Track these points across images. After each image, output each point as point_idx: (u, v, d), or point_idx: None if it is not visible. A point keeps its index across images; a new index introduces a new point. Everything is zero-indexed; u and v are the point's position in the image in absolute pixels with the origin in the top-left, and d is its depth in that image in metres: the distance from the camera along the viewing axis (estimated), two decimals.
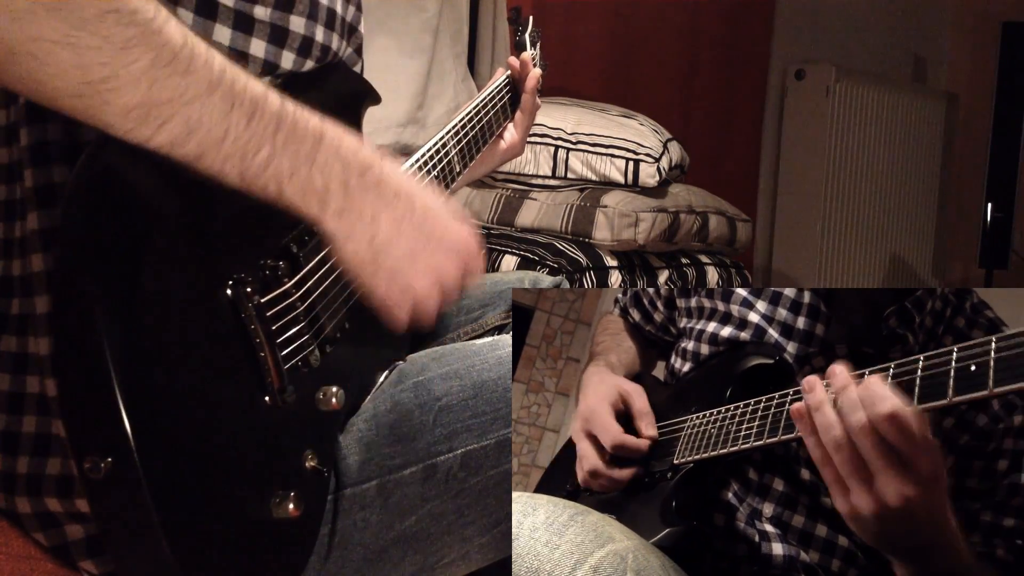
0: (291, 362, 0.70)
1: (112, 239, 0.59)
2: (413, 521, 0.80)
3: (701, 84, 2.93)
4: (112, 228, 0.60)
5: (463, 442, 0.81)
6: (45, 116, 0.69)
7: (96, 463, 0.56)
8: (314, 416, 0.74)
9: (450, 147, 0.99)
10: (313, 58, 0.80)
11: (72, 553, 0.71)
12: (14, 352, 0.70)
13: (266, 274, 0.70)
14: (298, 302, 0.71)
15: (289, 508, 0.66)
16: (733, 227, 2.15)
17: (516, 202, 1.96)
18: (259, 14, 0.74)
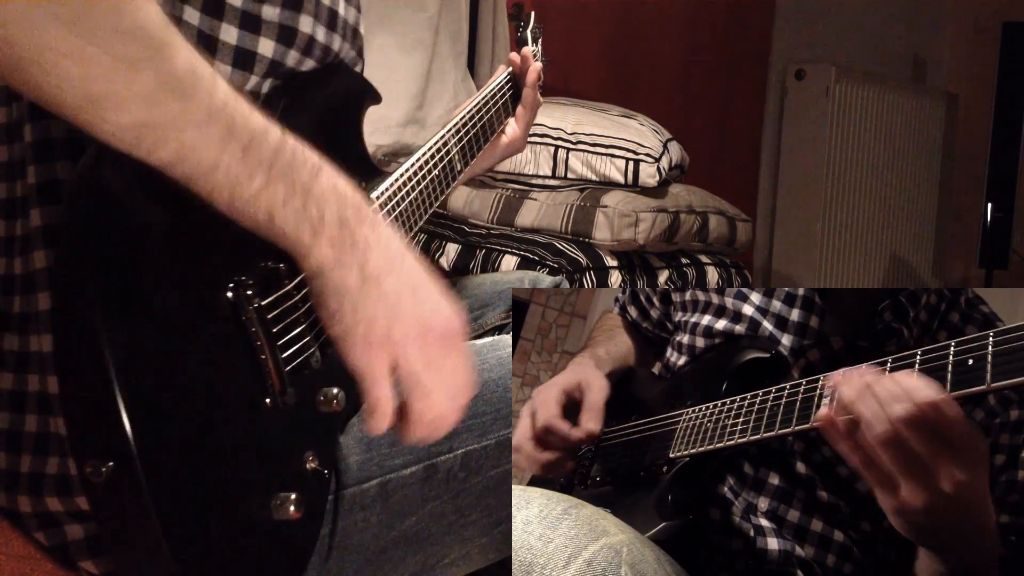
0: (292, 364, 0.70)
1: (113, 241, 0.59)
2: (413, 521, 0.80)
3: (701, 84, 2.93)
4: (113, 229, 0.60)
5: (463, 442, 0.81)
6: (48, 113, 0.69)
7: (97, 467, 0.56)
8: (315, 418, 0.74)
9: (451, 145, 0.99)
10: (315, 58, 0.80)
11: (72, 553, 0.71)
12: (16, 350, 0.70)
13: (266, 276, 0.70)
14: (299, 304, 0.71)
15: (290, 510, 0.66)
16: (733, 227, 2.15)
17: (516, 202, 1.96)
18: (267, 14, 0.74)
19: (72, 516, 0.70)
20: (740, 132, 3.14)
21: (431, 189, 0.93)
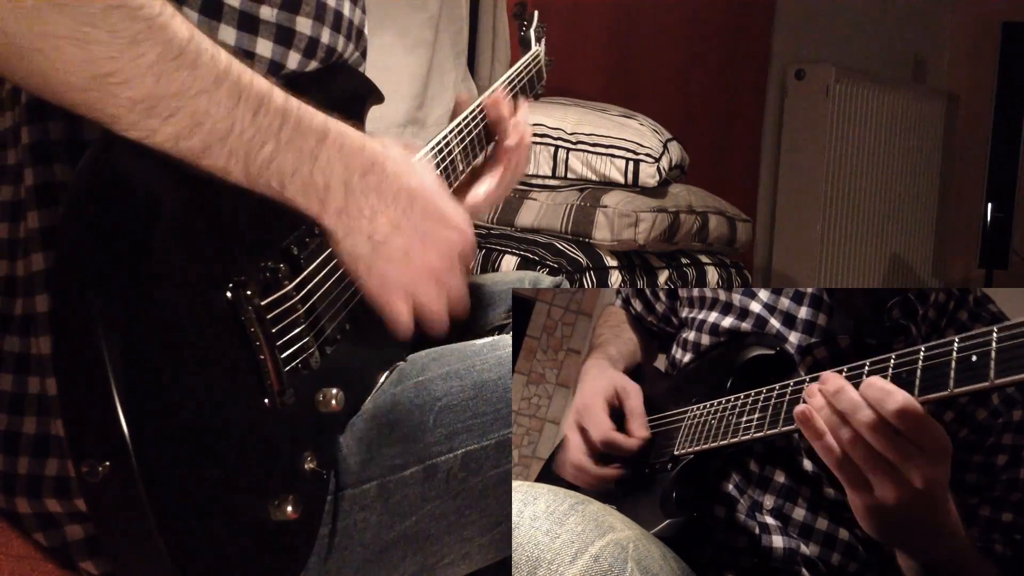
0: (291, 364, 0.70)
1: (112, 241, 0.59)
2: (413, 521, 0.80)
3: (701, 84, 2.93)
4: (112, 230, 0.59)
5: (463, 442, 0.81)
6: (46, 115, 0.69)
7: (94, 467, 0.56)
8: (314, 418, 0.74)
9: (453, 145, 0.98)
10: (318, 59, 0.80)
11: (72, 553, 0.70)
12: (17, 353, 0.70)
13: (267, 276, 0.70)
14: (299, 304, 0.71)
15: (288, 510, 0.66)
16: (733, 227, 2.15)
17: (516, 202, 1.96)
18: (265, 15, 0.74)
19: (72, 517, 0.69)
20: (740, 132, 3.14)
21: None
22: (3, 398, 0.70)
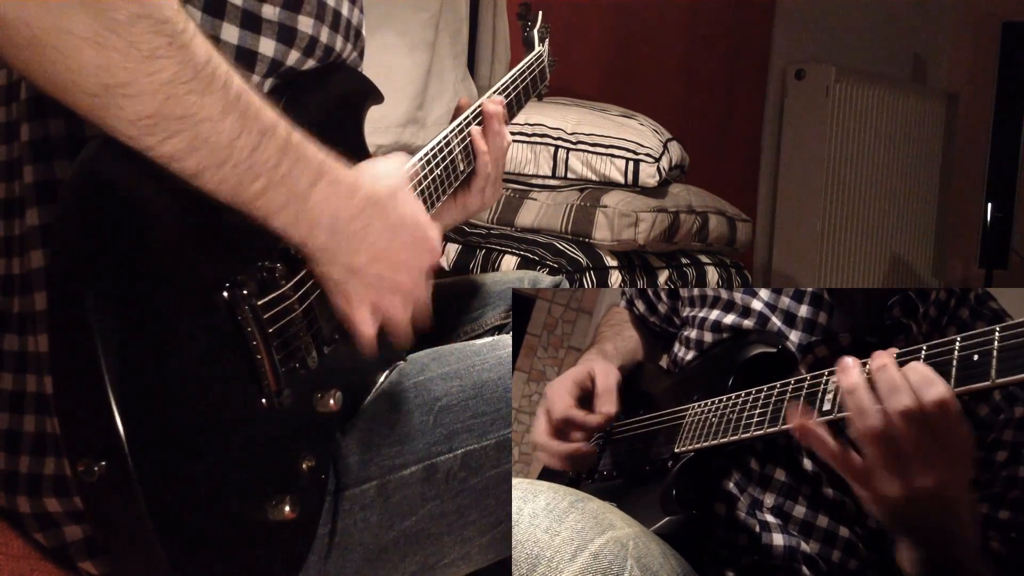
0: (288, 364, 0.70)
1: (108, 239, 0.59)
2: (413, 521, 0.80)
3: (701, 84, 2.93)
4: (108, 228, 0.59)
5: (463, 442, 0.81)
6: (47, 112, 0.69)
7: (90, 466, 0.56)
8: (311, 418, 0.73)
9: (454, 145, 0.98)
10: (316, 58, 0.80)
11: (71, 553, 0.70)
12: (16, 351, 0.70)
13: (264, 276, 0.69)
14: (296, 304, 0.71)
15: (285, 510, 0.66)
16: (733, 227, 2.15)
17: (516, 202, 1.96)
18: (267, 13, 0.74)
19: (71, 517, 0.69)
20: (740, 132, 3.14)
21: (432, 189, 0.93)
22: (4, 397, 0.70)
